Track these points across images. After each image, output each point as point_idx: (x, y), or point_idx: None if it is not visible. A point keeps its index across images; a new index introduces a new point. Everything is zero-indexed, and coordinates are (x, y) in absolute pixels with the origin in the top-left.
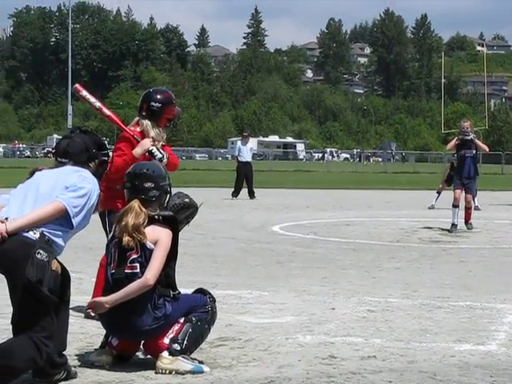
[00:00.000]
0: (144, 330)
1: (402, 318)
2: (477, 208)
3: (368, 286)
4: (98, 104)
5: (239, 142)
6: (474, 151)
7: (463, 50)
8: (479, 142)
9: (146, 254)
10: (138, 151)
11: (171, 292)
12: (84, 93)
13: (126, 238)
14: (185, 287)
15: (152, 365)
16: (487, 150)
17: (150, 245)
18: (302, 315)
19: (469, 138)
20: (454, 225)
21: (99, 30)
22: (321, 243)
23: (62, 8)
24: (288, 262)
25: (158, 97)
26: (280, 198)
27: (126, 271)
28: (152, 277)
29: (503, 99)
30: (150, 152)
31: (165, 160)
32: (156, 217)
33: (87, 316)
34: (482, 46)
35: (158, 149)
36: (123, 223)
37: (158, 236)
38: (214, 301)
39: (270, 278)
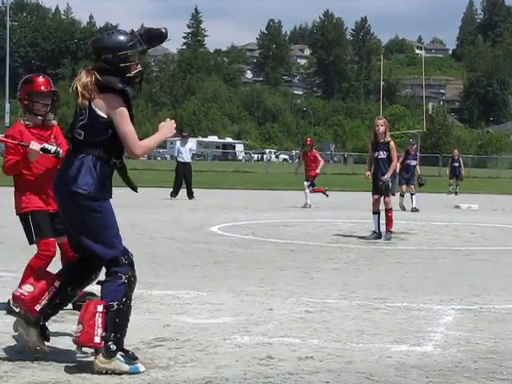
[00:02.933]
0: (78, 191)
1: (340, 319)
2: (415, 209)
3: (306, 287)
4: None
5: (178, 143)
6: (386, 153)
7: (402, 52)
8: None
9: (92, 119)
10: (32, 157)
11: (113, 159)
12: None
13: (79, 100)
14: None
15: (89, 365)
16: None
17: (99, 111)
18: (240, 316)
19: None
20: (375, 232)
21: (38, 28)
22: (259, 244)
23: (0, 5)
24: (226, 263)
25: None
26: (219, 198)
27: (74, 135)
28: (136, 148)
29: (441, 102)
30: (43, 149)
31: (60, 151)
32: (108, 86)
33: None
34: (421, 49)
35: (49, 143)
36: (74, 88)
37: (110, 104)
38: (131, 264)
39: (208, 279)
